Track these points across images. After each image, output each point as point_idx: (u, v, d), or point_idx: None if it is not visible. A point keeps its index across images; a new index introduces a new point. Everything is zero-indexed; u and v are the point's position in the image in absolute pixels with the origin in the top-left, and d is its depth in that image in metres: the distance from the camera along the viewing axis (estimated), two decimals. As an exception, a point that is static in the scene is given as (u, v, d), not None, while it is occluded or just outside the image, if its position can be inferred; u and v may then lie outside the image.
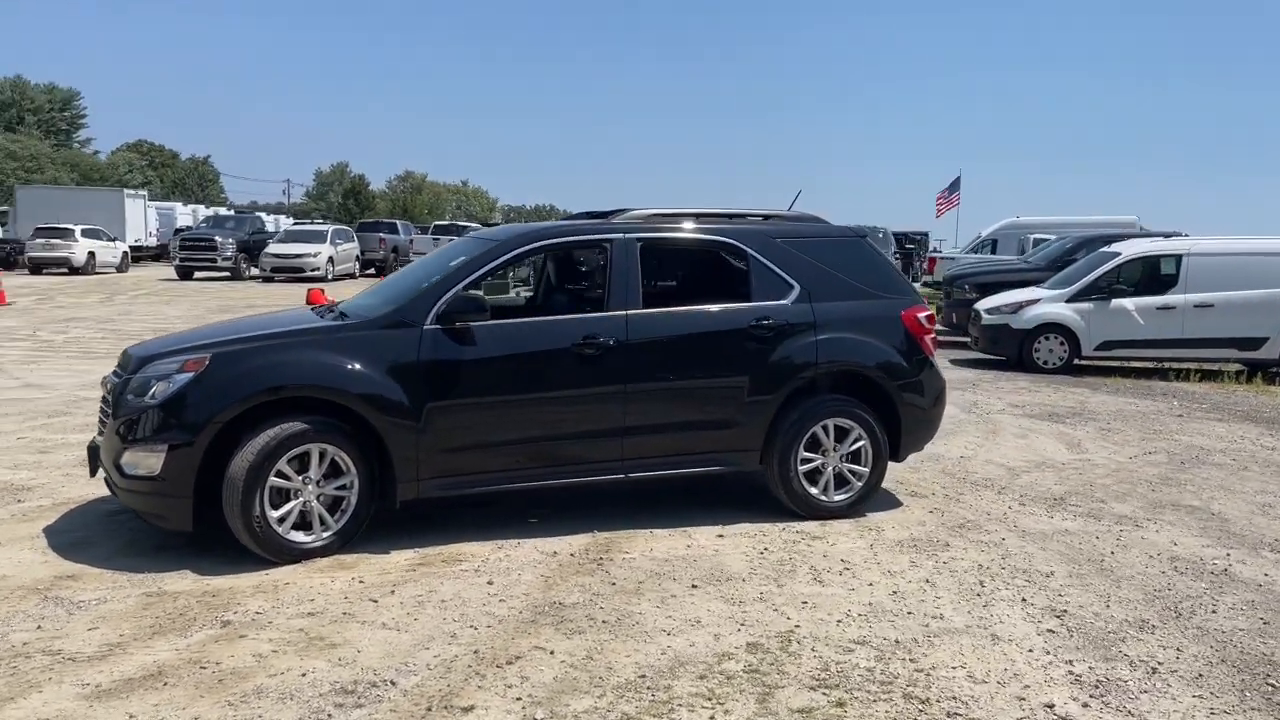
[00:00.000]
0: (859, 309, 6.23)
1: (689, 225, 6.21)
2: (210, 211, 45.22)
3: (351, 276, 32.49)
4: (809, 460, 6.08)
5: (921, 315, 6.38)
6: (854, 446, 6.15)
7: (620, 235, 5.91)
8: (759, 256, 6.11)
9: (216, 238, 31.11)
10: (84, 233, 32.55)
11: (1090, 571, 5.36)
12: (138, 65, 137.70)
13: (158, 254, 41.25)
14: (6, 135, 73.31)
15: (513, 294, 8.46)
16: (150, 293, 24.97)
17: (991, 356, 14.12)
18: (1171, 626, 4.63)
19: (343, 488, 5.27)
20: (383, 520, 5.64)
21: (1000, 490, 7.03)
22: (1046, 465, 7.88)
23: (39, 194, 42.02)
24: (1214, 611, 4.83)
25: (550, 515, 6.04)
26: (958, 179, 40.51)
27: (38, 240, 31.89)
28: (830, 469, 6.13)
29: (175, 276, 31.06)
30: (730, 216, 6.35)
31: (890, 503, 6.57)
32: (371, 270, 34.65)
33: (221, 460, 5.07)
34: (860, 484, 6.18)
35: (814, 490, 6.11)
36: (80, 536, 5.55)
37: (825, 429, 6.09)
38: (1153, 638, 4.49)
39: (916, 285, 31.01)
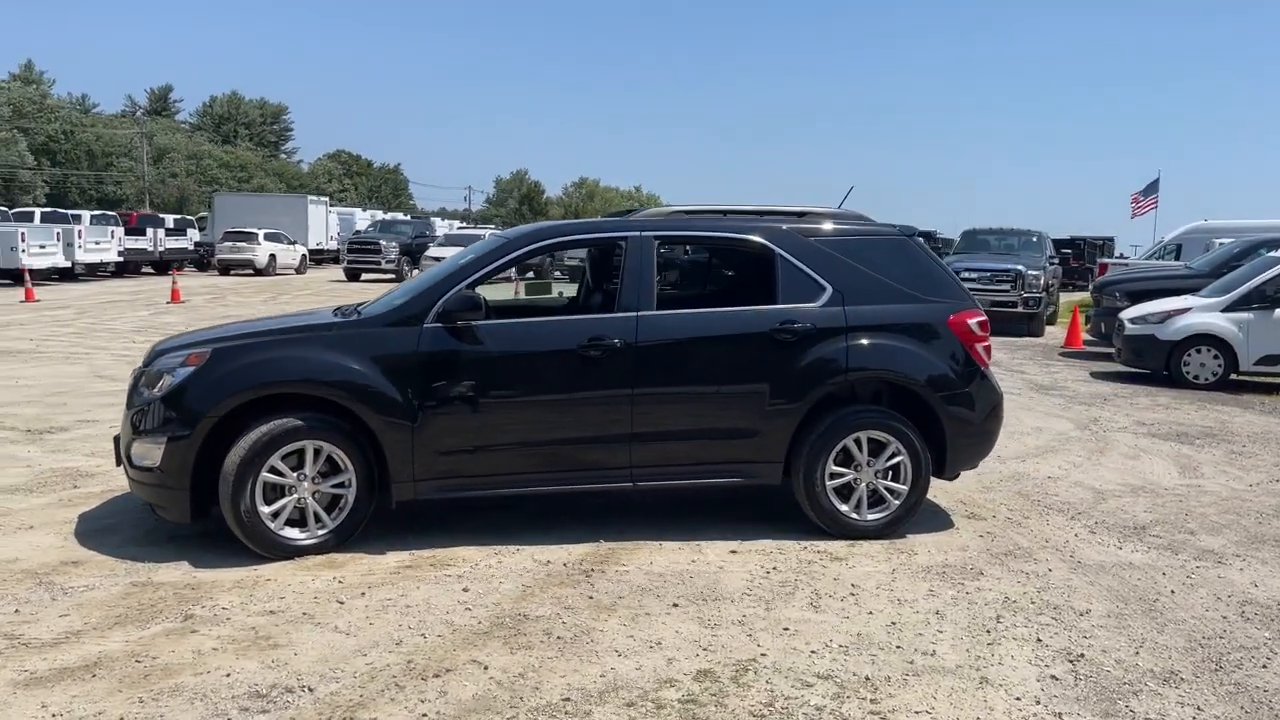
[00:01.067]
0: (899, 313, 5.75)
1: (711, 223, 5.90)
2: (385, 216, 47.15)
3: (507, 279, 33.27)
4: (839, 475, 5.65)
5: (972, 321, 5.83)
6: (891, 462, 5.68)
7: (635, 233, 5.64)
8: (788, 256, 5.72)
9: (381, 241, 32.58)
10: (266, 236, 34.64)
11: (1135, 612, 4.73)
12: (339, 79, 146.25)
13: (336, 256, 43.45)
14: (224, 148, 79.30)
15: (556, 294, 8.32)
16: (314, 293, 26.22)
17: (1136, 369, 13.00)
18: (1204, 681, 4.01)
19: (340, 486, 5.23)
20: (387, 520, 5.59)
21: (1074, 515, 6.35)
22: (1144, 490, 7.09)
23: (234, 200, 45.00)
24: (1264, 666, 4.16)
25: (562, 522, 5.84)
26: (1156, 180, 37.98)
27: (226, 243, 34.23)
28: (864, 485, 5.68)
29: (344, 278, 32.65)
30: (760, 214, 5.99)
31: (940, 524, 6.05)
32: (529, 274, 35.46)
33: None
34: (898, 503, 5.70)
35: (844, 507, 5.67)
36: (107, 524, 5.74)
37: (858, 442, 5.64)
38: (1174, 692, 3.90)
39: (1083, 294, 29.26)
